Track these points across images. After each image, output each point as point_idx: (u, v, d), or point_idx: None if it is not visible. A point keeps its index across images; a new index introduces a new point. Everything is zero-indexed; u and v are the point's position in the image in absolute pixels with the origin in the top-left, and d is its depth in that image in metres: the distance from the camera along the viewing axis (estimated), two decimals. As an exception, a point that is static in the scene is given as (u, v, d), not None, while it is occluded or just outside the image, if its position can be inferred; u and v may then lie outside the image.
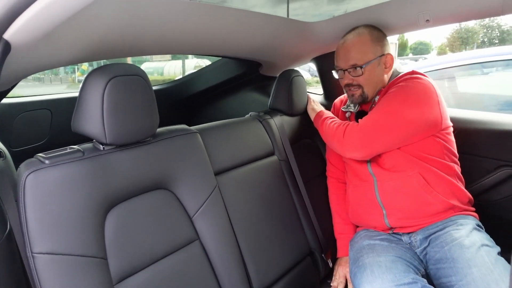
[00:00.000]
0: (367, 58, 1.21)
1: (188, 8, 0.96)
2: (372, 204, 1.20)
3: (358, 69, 1.21)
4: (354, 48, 1.22)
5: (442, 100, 1.15)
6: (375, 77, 1.23)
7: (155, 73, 14.10)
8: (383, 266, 1.00)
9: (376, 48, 1.22)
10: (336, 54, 1.29)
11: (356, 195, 1.26)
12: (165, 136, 0.99)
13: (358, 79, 1.22)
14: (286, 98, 1.45)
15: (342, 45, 1.27)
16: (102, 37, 0.88)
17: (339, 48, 1.28)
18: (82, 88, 0.81)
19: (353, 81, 1.23)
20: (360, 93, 1.24)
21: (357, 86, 1.23)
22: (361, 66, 1.20)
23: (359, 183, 1.24)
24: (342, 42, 1.27)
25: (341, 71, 1.26)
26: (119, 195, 0.86)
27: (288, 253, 1.24)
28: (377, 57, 1.22)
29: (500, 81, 3.02)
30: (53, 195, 0.74)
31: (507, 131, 1.40)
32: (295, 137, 1.50)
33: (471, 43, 30.57)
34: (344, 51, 1.25)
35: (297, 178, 1.39)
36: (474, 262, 0.95)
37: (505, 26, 29.76)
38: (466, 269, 0.95)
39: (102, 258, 0.79)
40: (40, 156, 0.78)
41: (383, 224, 1.18)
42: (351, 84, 1.24)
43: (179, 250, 0.94)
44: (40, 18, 0.64)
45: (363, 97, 1.25)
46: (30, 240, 0.71)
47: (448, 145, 1.17)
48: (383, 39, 1.26)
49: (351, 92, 1.26)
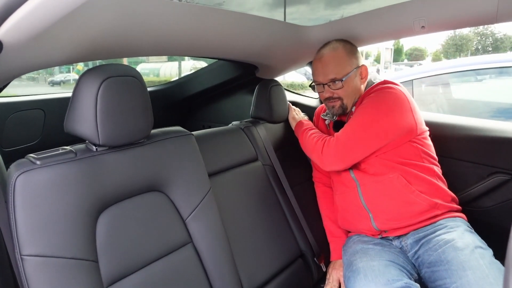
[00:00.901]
0: (345, 71, 1.25)
1: (184, 10, 0.95)
2: (358, 209, 1.21)
3: (337, 83, 1.25)
4: (332, 63, 1.26)
5: (415, 107, 1.21)
6: (353, 88, 1.27)
7: (151, 74, 14.06)
8: (376, 270, 1.01)
9: (352, 61, 1.27)
10: (314, 69, 1.32)
11: (342, 202, 1.29)
12: (160, 137, 0.98)
13: (338, 92, 1.26)
14: (266, 106, 1.49)
15: (320, 60, 1.30)
16: (96, 37, 0.88)
17: (316, 63, 1.32)
18: (76, 88, 0.80)
19: (333, 94, 1.27)
20: (339, 104, 1.28)
21: (337, 98, 1.28)
22: (341, 80, 1.24)
23: (344, 190, 1.27)
24: (319, 57, 1.30)
25: (321, 85, 1.30)
26: (111, 197, 0.85)
27: (278, 254, 1.24)
28: (354, 69, 1.27)
29: (493, 88, 3.05)
30: (44, 197, 0.73)
31: (500, 138, 1.41)
32: (279, 144, 1.54)
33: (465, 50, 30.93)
34: (322, 66, 1.28)
35: (283, 183, 1.43)
36: (468, 265, 0.96)
37: (499, 34, 30.18)
38: (460, 272, 0.95)
39: (93, 261, 0.78)
40: (31, 156, 0.77)
41: (371, 228, 1.19)
42: (331, 97, 1.29)
43: (171, 253, 0.93)
44: (33, 17, 0.63)
45: (342, 108, 1.29)
46: (19, 242, 0.70)
47: (425, 149, 1.21)
48: (356, 52, 1.32)
49: (331, 104, 1.30)
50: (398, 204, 1.15)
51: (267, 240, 1.23)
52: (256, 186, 1.33)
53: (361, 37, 1.42)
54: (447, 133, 1.52)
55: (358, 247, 1.17)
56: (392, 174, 1.16)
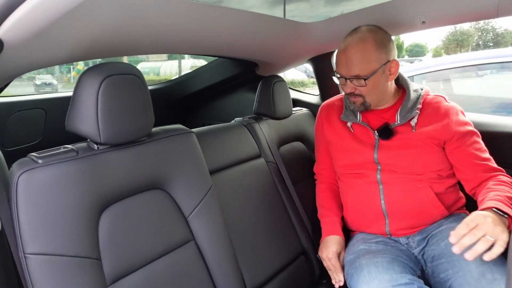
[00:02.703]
0: (371, 68, 1.10)
1: (184, 8, 0.95)
2: (375, 212, 1.17)
3: (361, 80, 1.12)
4: (356, 57, 1.11)
5: None
6: (379, 86, 1.15)
7: (151, 73, 14.08)
8: (380, 266, 1.00)
9: (380, 56, 1.11)
10: (337, 60, 1.17)
11: (357, 202, 1.22)
12: (160, 135, 0.98)
13: (360, 89, 1.14)
14: (270, 103, 1.48)
15: (343, 52, 1.13)
16: (96, 35, 0.88)
17: (340, 54, 1.16)
18: (77, 87, 0.80)
19: (356, 90, 1.15)
20: (361, 101, 1.17)
21: (358, 95, 1.16)
22: (365, 78, 1.10)
23: (362, 189, 1.20)
24: (343, 48, 1.14)
25: (343, 78, 1.16)
26: (113, 195, 0.85)
27: (281, 251, 1.24)
28: (382, 66, 1.12)
29: (494, 83, 3.05)
30: (46, 195, 0.74)
31: (502, 133, 1.40)
32: (283, 140, 1.53)
33: (466, 46, 30.81)
34: (345, 59, 1.13)
35: (286, 179, 1.42)
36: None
37: (500, 29, 30.05)
38: (462, 261, 0.96)
39: (95, 259, 0.78)
40: (33, 155, 0.77)
41: (383, 231, 1.18)
42: (353, 93, 1.16)
43: (174, 250, 0.93)
44: (33, 16, 0.63)
45: (365, 106, 1.17)
46: (23, 240, 0.70)
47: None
48: (388, 43, 1.14)
49: (352, 100, 1.18)
50: (418, 214, 1.13)
51: (269, 237, 1.23)
52: (258, 183, 1.32)
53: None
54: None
55: (361, 246, 1.15)
56: (421, 184, 1.12)
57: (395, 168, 1.15)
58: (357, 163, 1.21)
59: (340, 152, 1.26)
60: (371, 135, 1.19)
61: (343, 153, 1.25)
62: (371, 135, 1.19)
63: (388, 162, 1.16)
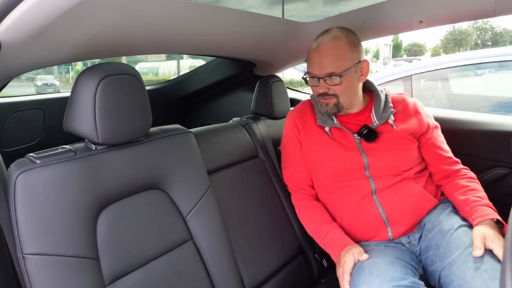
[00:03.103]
0: (345, 66, 1.11)
1: (183, 8, 0.95)
2: (375, 223, 1.14)
3: (335, 78, 1.11)
4: (331, 55, 1.11)
5: None
6: (352, 86, 1.15)
7: (150, 73, 14.05)
8: (381, 267, 0.99)
9: (353, 54, 1.13)
10: (310, 60, 1.16)
11: (355, 216, 1.16)
12: (158, 135, 0.99)
13: (334, 88, 1.13)
14: (267, 103, 1.48)
15: (317, 50, 1.13)
16: (94, 35, 0.88)
17: (312, 53, 1.15)
18: (74, 87, 0.80)
19: (329, 90, 1.13)
20: (335, 102, 1.15)
21: (332, 96, 1.14)
22: (340, 75, 1.10)
23: (359, 202, 1.15)
24: (316, 46, 1.14)
25: (315, 79, 1.14)
26: (111, 195, 0.85)
27: (279, 251, 1.24)
28: (355, 64, 1.13)
29: (493, 82, 3.05)
30: (44, 195, 0.74)
31: (499, 132, 1.41)
32: (280, 140, 1.52)
33: (464, 45, 30.86)
34: (319, 57, 1.12)
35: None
36: (453, 244, 0.98)
37: (498, 28, 30.10)
38: (447, 252, 0.97)
39: (94, 259, 0.78)
40: (31, 156, 0.77)
41: (386, 237, 1.15)
42: (326, 93, 1.15)
43: (172, 250, 0.94)
44: (31, 16, 0.63)
45: (338, 107, 1.16)
46: (21, 240, 0.71)
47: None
48: (359, 44, 1.16)
49: (324, 101, 1.16)
50: (414, 209, 1.13)
51: (267, 237, 1.23)
52: (256, 183, 1.32)
53: (359, 33, 1.41)
54: (447, 127, 1.52)
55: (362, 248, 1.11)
56: (408, 181, 1.13)
57: (384, 169, 1.13)
58: (346, 170, 1.15)
59: (324, 161, 1.19)
60: (352, 139, 1.17)
61: (328, 161, 1.18)
62: (351, 138, 1.17)
63: (377, 164, 1.13)
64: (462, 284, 0.88)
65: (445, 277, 0.95)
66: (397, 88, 2.77)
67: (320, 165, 1.20)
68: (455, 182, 1.15)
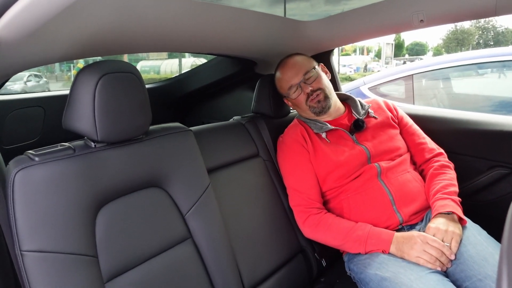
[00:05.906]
0: (311, 65, 1.31)
1: (183, 6, 0.95)
2: (386, 206, 1.17)
3: (311, 72, 1.28)
4: (298, 62, 1.31)
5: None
6: (326, 80, 1.32)
7: (152, 71, 14.06)
8: (407, 260, 1.03)
9: (311, 60, 1.34)
10: (284, 76, 1.33)
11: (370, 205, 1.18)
12: (158, 133, 0.98)
13: (315, 83, 1.27)
14: (268, 102, 1.48)
15: (286, 64, 1.33)
16: (94, 33, 0.88)
17: (284, 70, 1.33)
18: (74, 85, 0.80)
19: (313, 86, 1.27)
20: (324, 94, 1.27)
21: (318, 90, 1.27)
22: (313, 68, 1.29)
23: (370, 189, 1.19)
24: (283, 65, 1.35)
25: (296, 87, 1.29)
26: (110, 193, 0.85)
27: (279, 250, 1.24)
28: (316, 65, 1.33)
29: (495, 82, 3.04)
30: (43, 193, 0.74)
31: (500, 132, 1.40)
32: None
33: (466, 45, 30.78)
34: (292, 66, 1.31)
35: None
36: (468, 241, 1.03)
37: (500, 28, 30.03)
38: (462, 248, 1.01)
39: (92, 256, 0.78)
40: (30, 153, 0.77)
41: (397, 220, 1.15)
42: (312, 91, 1.26)
43: (171, 248, 0.94)
44: (29, 13, 0.63)
45: (327, 100, 1.27)
46: (19, 238, 0.71)
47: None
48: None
49: (315, 99, 1.26)
50: (415, 193, 1.21)
51: (267, 236, 1.23)
52: (256, 182, 1.32)
53: (360, 32, 1.41)
54: (447, 127, 1.52)
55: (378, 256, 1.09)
56: (405, 165, 1.25)
57: (382, 153, 1.24)
58: (353, 165, 1.21)
59: (335, 165, 1.22)
60: (347, 136, 1.28)
61: (337, 165, 1.22)
62: (347, 136, 1.28)
63: (375, 150, 1.24)
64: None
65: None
66: (399, 88, 2.77)
67: (331, 173, 1.23)
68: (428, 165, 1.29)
